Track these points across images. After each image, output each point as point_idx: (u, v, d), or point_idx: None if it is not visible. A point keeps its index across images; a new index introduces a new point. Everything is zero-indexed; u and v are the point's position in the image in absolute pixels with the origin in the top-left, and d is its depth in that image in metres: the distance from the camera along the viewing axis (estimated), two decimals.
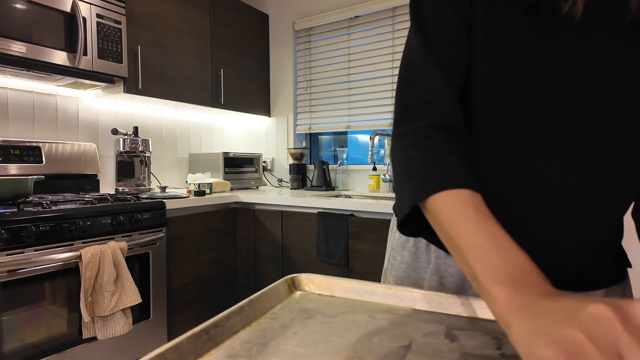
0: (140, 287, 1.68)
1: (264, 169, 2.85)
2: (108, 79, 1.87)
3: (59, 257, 1.37)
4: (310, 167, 2.70)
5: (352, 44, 2.50)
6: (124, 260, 1.51)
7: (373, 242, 1.75)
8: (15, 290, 1.31)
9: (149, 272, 1.72)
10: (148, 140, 2.12)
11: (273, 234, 2.07)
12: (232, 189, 2.45)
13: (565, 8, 0.45)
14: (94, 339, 1.51)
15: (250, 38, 2.66)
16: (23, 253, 1.32)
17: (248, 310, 0.48)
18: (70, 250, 1.43)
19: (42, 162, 1.85)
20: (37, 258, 1.33)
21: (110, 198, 1.69)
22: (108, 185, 2.21)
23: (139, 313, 1.67)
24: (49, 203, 1.48)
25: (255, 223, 2.13)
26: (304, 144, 2.85)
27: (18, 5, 1.52)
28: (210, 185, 2.20)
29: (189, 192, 2.11)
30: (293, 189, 2.52)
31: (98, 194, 1.88)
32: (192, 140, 2.71)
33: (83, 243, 1.47)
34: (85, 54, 1.71)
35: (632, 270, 0.63)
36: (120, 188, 2.08)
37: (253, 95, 2.69)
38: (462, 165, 0.45)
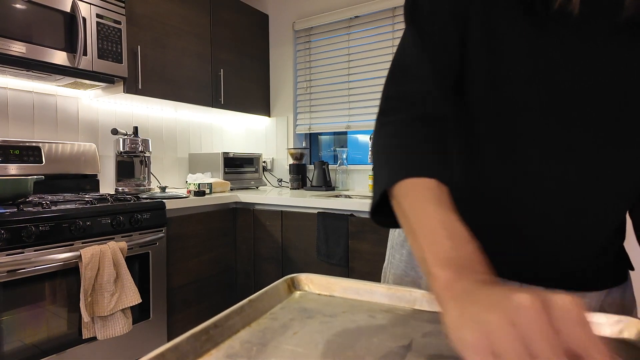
0: (140, 287, 1.68)
1: (264, 169, 2.85)
2: (108, 79, 1.87)
3: (59, 257, 1.37)
4: (310, 167, 2.70)
5: (352, 44, 2.50)
6: (124, 261, 1.51)
7: (373, 242, 1.75)
8: (15, 291, 1.31)
9: (149, 272, 1.72)
10: (148, 140, 2.12)
11: (273, 234, 2.07)
12: (232, 189, 2.45)
13: (557, 3, 0.45)
14: (94, 339, 1.51)
15: (250, 38, 2.66)
16: (23, 253, 1.32)
17: (248, 310, 0.48)
18: (70, 251, 1.43)
19: (42, 162, 1.85)
20: (37, 258, 1.33)
21: (110, 198, 1.69)
22: (108, 186, 2.21)
23: (139, 313, 1.67)
24: (49, 203, 1.48)
25: (255, 223, 2.13)
26: (304, 144, 2.84)
27: (18, 5, 1.52)
28: (210, 186, 2.19)
29: (189, 192, 2.11)
30: (293, 189, 2.52)
31: (98, 194, 1.88)
32: (192, 140, 2.71)
33: (83, 243, 1.47)
34: (85, 54, 1.71)
35: (632, 271, 0.62)
36: (120, 188, 2.08)
37: (253, 95, 2.69)
38: (437, 157, 0.46)
